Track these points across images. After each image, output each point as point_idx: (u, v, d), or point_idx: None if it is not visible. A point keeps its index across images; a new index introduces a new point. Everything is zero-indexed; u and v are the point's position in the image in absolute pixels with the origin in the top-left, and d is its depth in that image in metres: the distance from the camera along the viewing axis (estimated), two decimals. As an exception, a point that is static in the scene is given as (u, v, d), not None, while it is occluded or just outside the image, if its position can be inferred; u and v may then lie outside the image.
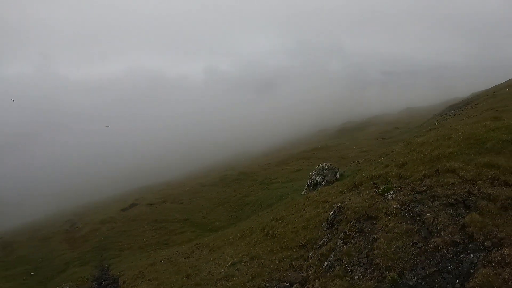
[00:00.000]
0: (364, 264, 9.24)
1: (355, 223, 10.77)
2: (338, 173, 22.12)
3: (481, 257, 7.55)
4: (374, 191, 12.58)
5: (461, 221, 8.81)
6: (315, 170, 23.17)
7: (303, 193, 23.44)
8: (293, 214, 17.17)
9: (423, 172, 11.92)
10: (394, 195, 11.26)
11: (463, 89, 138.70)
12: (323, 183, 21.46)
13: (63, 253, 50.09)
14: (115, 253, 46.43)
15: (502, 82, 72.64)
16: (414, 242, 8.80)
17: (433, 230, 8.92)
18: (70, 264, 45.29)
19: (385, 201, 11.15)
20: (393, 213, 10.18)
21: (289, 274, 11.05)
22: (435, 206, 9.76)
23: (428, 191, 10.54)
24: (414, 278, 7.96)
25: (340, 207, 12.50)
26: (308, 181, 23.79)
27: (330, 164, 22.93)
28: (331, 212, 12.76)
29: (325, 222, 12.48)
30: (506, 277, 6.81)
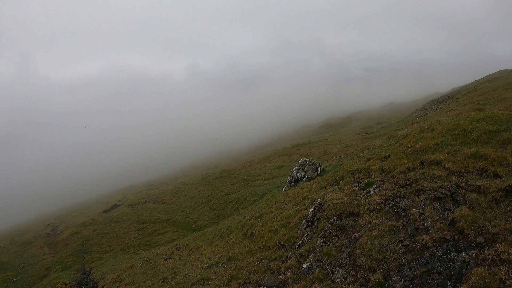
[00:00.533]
0: (346, 265, 8.41)
1: (336, 220, 9.97)
2: (319, 168, 21.27)
3: (474, 255, 6.81)
4: (356, 186, 11.81)
5: (449, 216, 8.08)
6: (295, 166, 22.35)
7: (283, 189, 22.59)
8: (272, 212, 16.31)
9: (407, 165, 11.18)
10: (377, 190, 10.50)
11: (444, 84, 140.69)
12: (304, 179, 20.62)
13: (44, 258, 48.25)
14: (97, 256, 45.28)
15: (482, 77, 73.65)
16: (400, 240, 8.01)
17: (420, 227, 8.14)
18: (52, 269, 43.70)
19: (368, 196, 10.38)
20: (376, 208, 9.41)
21: (266, 277, 10.16)
22: (421, 201, 9.01)
23: (413, 185, 9.78)
24: (401, 280, 7.17)
25: (321, 204, 11.71)
26: (289, 177, 22.95)
27: (311, 159, 22.10)
28: (311, 209, 11.95)
29: (304, 220, 11.64)
30: (503, 277, 6.09)
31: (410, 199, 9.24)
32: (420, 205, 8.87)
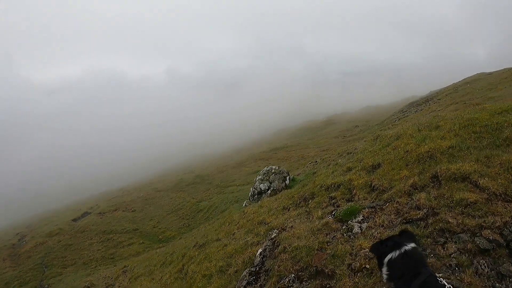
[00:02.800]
0: None
1: (292, 283, 5.44)
2: (288, 178, 16.76)
3: None
4: (331, 214, 7.30)
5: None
6: (259, 175, 17.77)
7: (244, 204, 17.92)
8: (220, 240, 11.79)
9: (411, 181, 6.69)
10: (364, 225, 5.99)
11: (421, 87, 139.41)
12: (269, 191, 16.11)
13: (5, 272, 45.24)
14: (57, 271, 42.57)
15: (459, 80, 71.36)
16: None
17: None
18: (10, 285, 41.06)
19: (350, 237, 5.87)
20: (365, 268, 4.94)
21: None
22: (451, 256, 4.58)
23: (430, 220, 5.31)
24: None
25: (275, 242, 7.17)
26: (251, 188, 18.27)
27: (277, 167, 17.53)
28: (260, 250, 7.39)
29: (247, 270, 7.03)
30: None
31: (428, 252, 4.78)
32: (451, 265, 4.43)
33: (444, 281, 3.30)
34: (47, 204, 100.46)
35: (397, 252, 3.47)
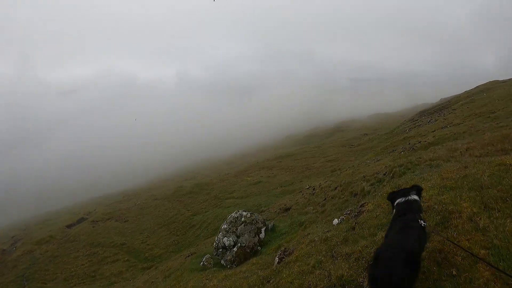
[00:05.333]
0: None
1: None
2: (263, 229, 12.08)
3: None
4: None
5: None
6: (225, 223, 12.61)
7: (203, 262, 12.72)
8: None
9: None
10: None
11: (431, 95, 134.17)
12: (235, 249, 11.25)
13: None
14: (37, 286, 38.93)
15: (472, 88, 66.60)
16: None
17: None
18: None
19: None
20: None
21: None
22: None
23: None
24: None
25: None
26: (216, 238, 13.04)
27: (250, 214, 12.41)
28: None
29: None
30: None
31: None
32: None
33: (422, 222, 4.63)
34: (50, 206, 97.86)
35: (403, 199, 5.06)
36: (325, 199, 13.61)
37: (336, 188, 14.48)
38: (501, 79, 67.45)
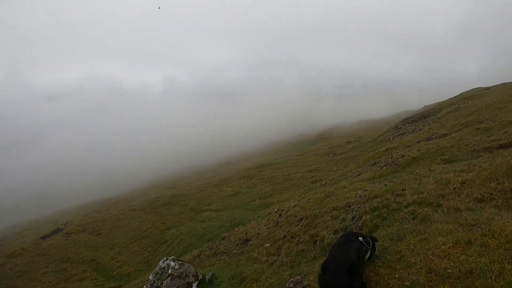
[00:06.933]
0: None
1: None
2: (195, 284, 9.28)
3: None
4: None
5: None
6: (152, 274, 9.84)
7: None
8: None
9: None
10: None
11: (414, 101, 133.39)
12: None
13: None
14: None
15: (456, 95, 65.12)
16: None
17: None
18: None
19: None
20: None
21: None
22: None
23: None
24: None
25: None
26: None
27: (177, 265, 9.34)
28: None
29: None
30: None
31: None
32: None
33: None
34: (35, 213, 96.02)
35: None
36: (285, 236, 10.92)
37: (301, 220, 11.81)
38: (479, 86, 66.35)
